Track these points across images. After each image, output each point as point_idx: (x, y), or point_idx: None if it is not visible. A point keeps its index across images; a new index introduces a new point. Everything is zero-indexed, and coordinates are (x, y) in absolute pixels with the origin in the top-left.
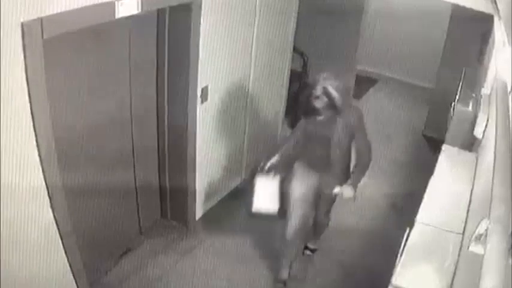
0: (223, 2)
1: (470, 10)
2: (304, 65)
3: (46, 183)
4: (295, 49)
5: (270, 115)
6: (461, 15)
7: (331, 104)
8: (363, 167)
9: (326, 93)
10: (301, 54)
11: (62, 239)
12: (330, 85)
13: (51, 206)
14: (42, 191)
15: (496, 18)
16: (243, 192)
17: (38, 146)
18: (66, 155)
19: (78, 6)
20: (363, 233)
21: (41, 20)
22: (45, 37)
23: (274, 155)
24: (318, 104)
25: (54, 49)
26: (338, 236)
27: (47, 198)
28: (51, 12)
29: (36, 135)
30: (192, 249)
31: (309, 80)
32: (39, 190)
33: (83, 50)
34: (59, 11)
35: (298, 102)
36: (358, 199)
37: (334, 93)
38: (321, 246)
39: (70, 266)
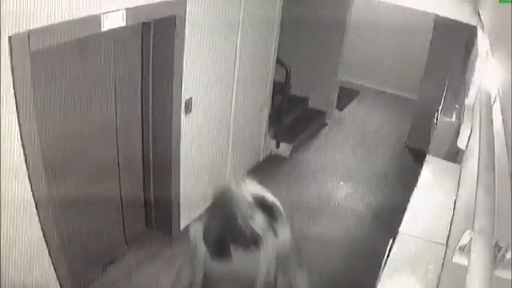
0: (207, 15)
1: (453, 21)
2: (287, 76)
3: (33, 195)
4: (278, 61)
5: (254, 126)
6: (444, 27)
7: (273, 219)
8: None
9: (261, 203)
10: (284, 65)
11: (49, 250)
12: (259, 190)
13: (39, 217)
14: (30, 202)
15: (479, 30)
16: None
17: (25, 157)
18: (53, 166)
19: (64, 19)
20: (345, 243)
21: (28, 33)
22: (32, 49)
23: None
24: (255, 224)
25: (41, 61)
26: (321, 246)
27: (34, 209)
28: (38, 26)
29: (23, 147)
30: (177, 259)
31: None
32: (27, 202)
33: (69, 62)
34: (46, 24)
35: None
36: (343, 210)
37: (272, 198)
38: (304, 257)
39: (57, 276)
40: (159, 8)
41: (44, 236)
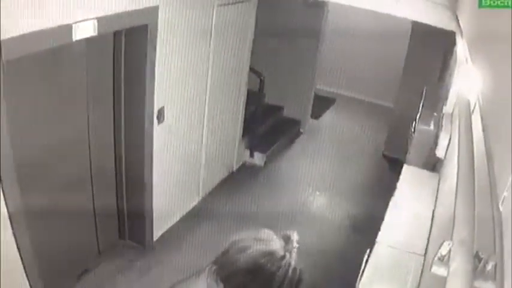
0: (179, 24)
1: (431, 28)
2: (261, 85)
3: (7, 205)
4: (251, 69)
5: (227, 135)
6: (421, 33)
7: None
8: None
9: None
10: (258, 74)
11: (22, 260)
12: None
13: (12, 227)
14: (3, 212)
15: (458, 36)
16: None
17: None
18: (26, 177)
19: (36, 29)
20: (323, 254)
21: None
22: (4, 60)
23: None
24: None
25: (13, 71)
26: (297, 257)
27: (7, 219)
28: (9, 36)
29: None
30: (150, 270)
31: None
32: (0, 212)
33: (41, 72)
34: (17, 34)
35: None
36: (319, 220)
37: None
38: None
39: (30, 286)
40: (130, 17)
41: (17, 246)
